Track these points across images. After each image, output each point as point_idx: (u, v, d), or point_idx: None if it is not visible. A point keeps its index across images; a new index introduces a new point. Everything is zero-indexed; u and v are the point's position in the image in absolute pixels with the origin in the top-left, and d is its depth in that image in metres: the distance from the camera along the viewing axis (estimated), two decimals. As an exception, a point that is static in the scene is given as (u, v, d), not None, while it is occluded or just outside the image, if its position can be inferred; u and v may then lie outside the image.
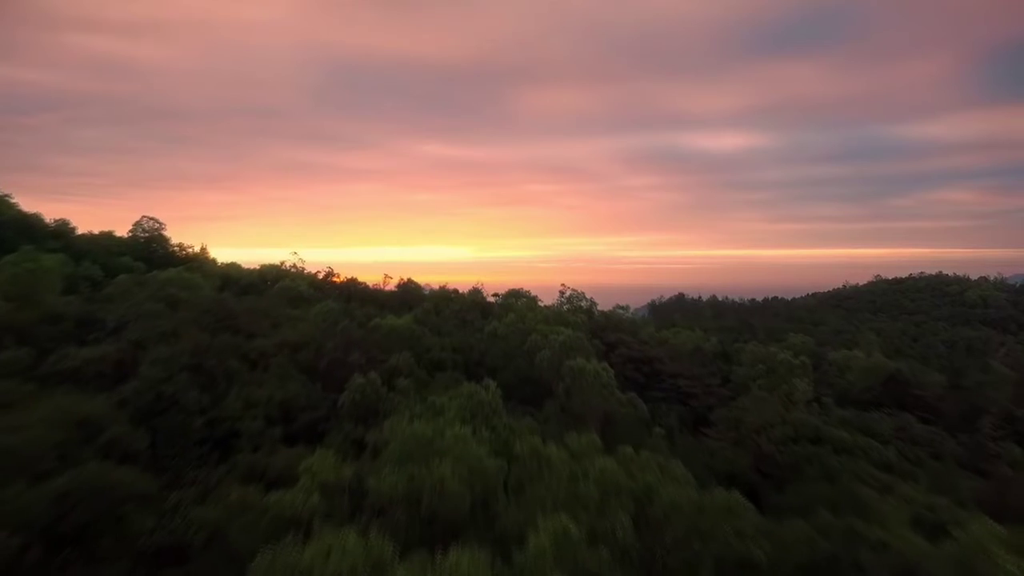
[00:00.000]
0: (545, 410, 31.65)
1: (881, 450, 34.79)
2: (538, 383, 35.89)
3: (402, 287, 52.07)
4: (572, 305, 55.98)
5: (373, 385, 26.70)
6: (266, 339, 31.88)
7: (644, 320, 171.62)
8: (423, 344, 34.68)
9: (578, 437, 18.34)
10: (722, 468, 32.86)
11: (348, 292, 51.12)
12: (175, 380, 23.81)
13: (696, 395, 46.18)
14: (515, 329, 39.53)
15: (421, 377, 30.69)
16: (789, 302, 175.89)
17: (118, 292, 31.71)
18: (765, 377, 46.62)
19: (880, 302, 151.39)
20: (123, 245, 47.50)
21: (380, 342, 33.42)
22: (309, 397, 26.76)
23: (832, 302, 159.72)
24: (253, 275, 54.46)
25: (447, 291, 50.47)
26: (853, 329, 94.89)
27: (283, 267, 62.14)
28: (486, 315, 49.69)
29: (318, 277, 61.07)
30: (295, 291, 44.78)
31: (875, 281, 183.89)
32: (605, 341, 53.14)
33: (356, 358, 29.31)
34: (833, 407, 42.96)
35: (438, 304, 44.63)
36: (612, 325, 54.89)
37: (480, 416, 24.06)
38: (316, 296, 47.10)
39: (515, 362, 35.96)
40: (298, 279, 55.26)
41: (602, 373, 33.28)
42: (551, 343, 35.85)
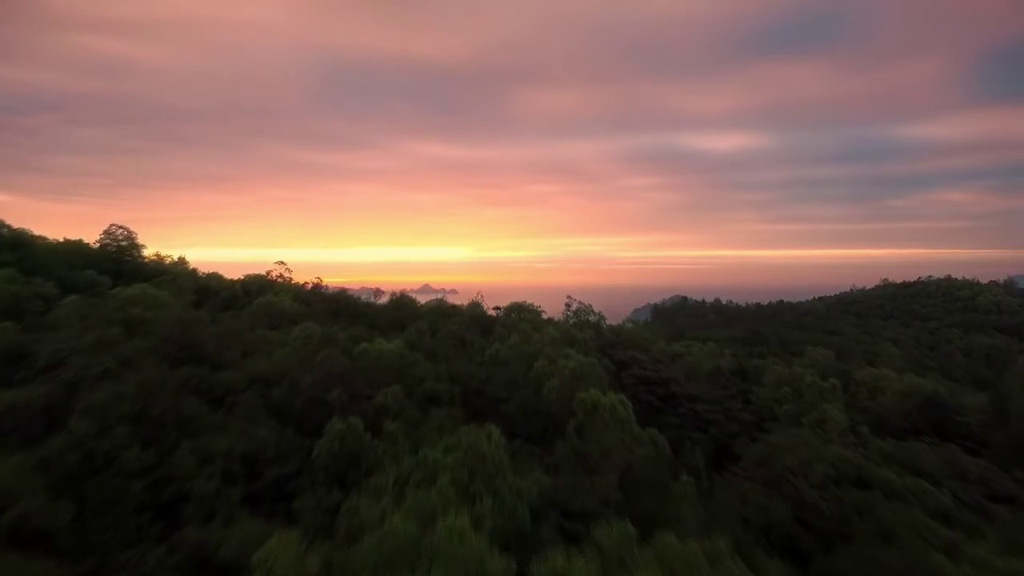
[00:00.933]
0: (556, 452, 27.64)
1: (935, 494, 30.74)
2: (546, 416, 31.90)
3: (395, 301, 47.80)
4: (579, 319, 51.95)
5: (354, 432, 22.61)
6: (235, 371, 27.77)
7: (647, 325, 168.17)
8: (416, 373, 30.60)
9: (608, 528, 14.29)
10: (757, 518, 28.94)
11: (336, 307, 46.91)
12: (112, 433, 19.70)
13: (716, 422, 42.17)
14: (519, 352, 35.49)
15: (412, 415, 26.61)
16: (796, 306, 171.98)
17: (64, 317, 27.57)
18: (792, 402, 42.66)
19: (890, 307, 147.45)
20: (88, 257, 43.32)
21: (367, 372, 29.34)
22: (279, 446, 22.65)
23: (840, 307, 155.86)
24: (235, 287, 50.33)
25: (444, 306, 46.32)
26: (869, 339, 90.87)
27: (269, 277, 58.05)
28: (487, 331, 45.68)
29: (306, 288, 56.98)
30: (277, 308, 40.65)
31: (883, 285, 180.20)
32: (616, 360, 49.19)
33: (337, 396, 25.22)
34: (870, 437, 38.94)
35: (434, 323, 40.48)
36: (623, 341, 50.87)
37: (481, 476, 20.04)
38: (301, 312, 43.00)
39: (520, 392, 31.90)
40: (283, 291, 51.15)
41: (619, 408, 29.26)
42: (560, 371, 31.86)
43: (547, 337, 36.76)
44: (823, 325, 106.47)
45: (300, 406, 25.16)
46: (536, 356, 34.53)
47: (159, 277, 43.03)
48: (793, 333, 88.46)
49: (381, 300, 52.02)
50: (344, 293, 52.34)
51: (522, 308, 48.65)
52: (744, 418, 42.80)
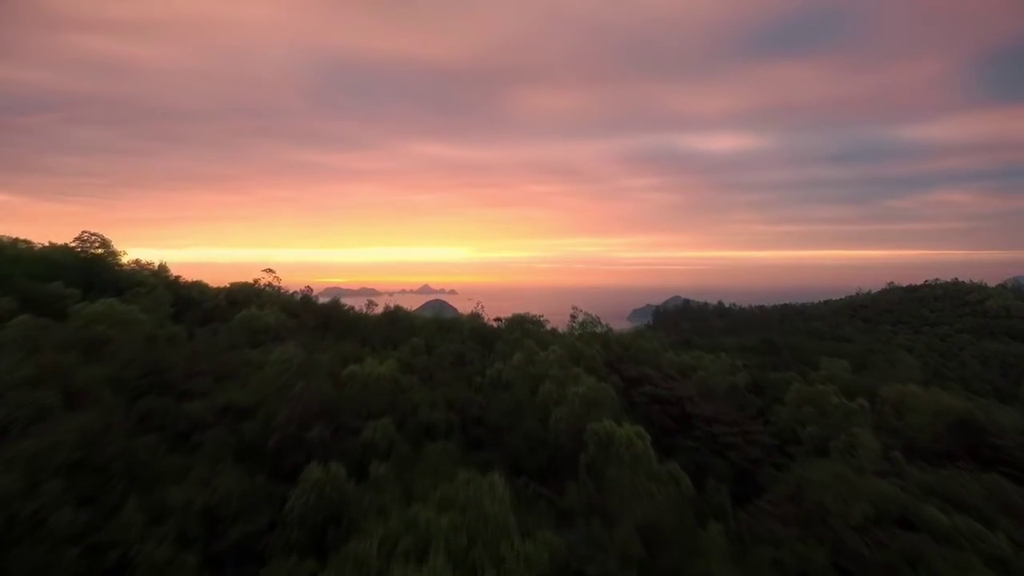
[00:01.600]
0: (567, 495, 24.54)
1: (991, 537, 27.73)
2: (554, 448, 28.83)
3: (389, 315, 44.40)
4: (585, 330, 48.83)
5: (335, 481, 19.45)
6: (204, 401, 24.58)
7: (651, 332, 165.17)
8: (409, 400, 27.43)
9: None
10: (793, 564, 25.86)
11: (326, 319, 43.61)
12: (42, 490, 16.55)
13: (736, 446, 39.07)
14: (523, 374, 32.35)
15: (404, 453, 23.44)
16: (801, 310, 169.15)
17: (9, 341, 24.38)
18: (816, 423, 39.57)
19: (898, 311, 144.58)
20: (56, 266, 40.08)
21: (354, 400, 26.18)
22: (247, 496, 19.47)
23: (847, 311, 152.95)
24: (220, 297, 47.13)
25: (441, 318, 43.10)
26: (882, 347, 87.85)
27: (257, 285, 54.86)
28: (488, 344, 42.52)
29: (297, 295, 53.77)
30: (260, 323, 37.46)
31: (889, 288, 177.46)
32: (625, 376, 46.12)
33: (317, 433, 22.05)
34: (905, 465, 35.87)
35: (430, 338, 37.29)
36: (632, 356, 47.74)
37: (482, 540, 16.92)
38: (287, 326, 39.82)
39: (524, 421, 28.76)
40: (271, 301, 47.95)
41: (636, 441, 26.17)
42: (569, 397, 28.77)
43: (553, 356, 33.61)
44: (833, 332, 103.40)
45: (275, 445, 21.98)
46: (542, 378, 31.41)
47: (135, 289, 39.83)
48: (804, 341, 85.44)
49: (375, 311, 48.91)
50: (336, 303, 48.94)
51: (525, 320, 45.49)
52: (765, 441, 39.72)
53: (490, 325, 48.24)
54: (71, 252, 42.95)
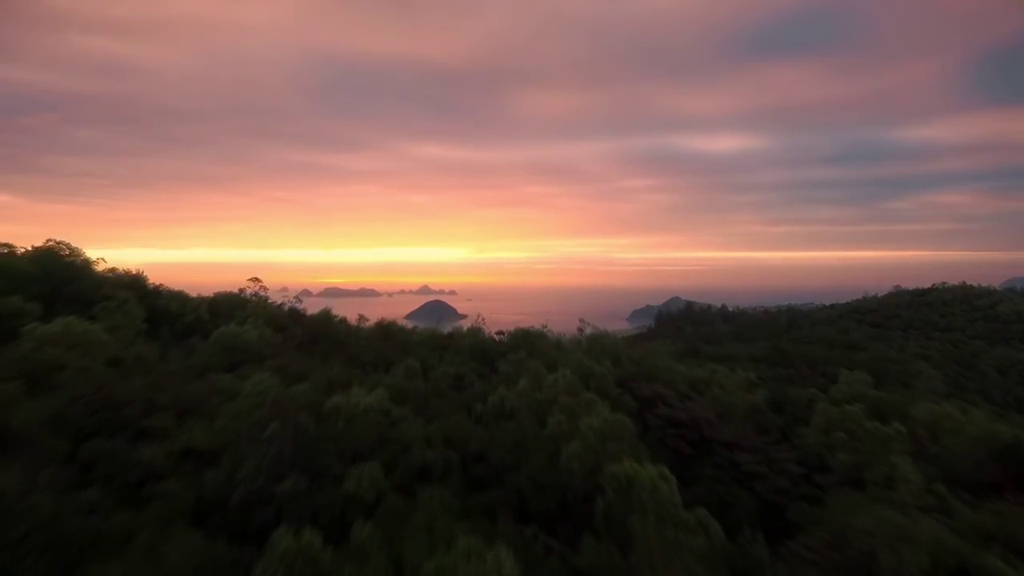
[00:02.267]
0: (582, 551, 21.28)
1: (1064, 595, 24.69)
2: (565, 490, 25.60)
3: (382, 330, 40.76)
4: (594, 346, 45.55)
5: (307, 551, 16.16)
6: (163, 444, 21.27)
7: (650, 334, 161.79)
8: (401, 437, 24.12)
9: None
10: (840, 629, 22.71)
11: (314, 335, 40.14)
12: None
13: (761, 475, 35.84)
14: (529, 402, 29.06)
15: (393, 506, 20.11)
16: (807, 314, 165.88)
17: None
18: (848, 450, 36.31)
19: (907, 316, 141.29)
20: (19, 278, 36.68)
21: (337, 439, 22.88)
22: (201, 571, 16.19)
23: (854, 315, 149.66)
24: (201, 309, 43.80)
25: (438, 336, 39.77)
26: (897, 355, 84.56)
27: (244, 293, 51.49)
28: (490, 363, 39.24)
29: (285, 307, 50.32)
30: (240, 341, 34.07)
31: (896, 291, 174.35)
32: (638, 396, 42.87)
33: (290, 486, 18.74)
34: (951, 500, 32.67)
35: (426, 357, 33.93)
36: (645, 373, 44.49)
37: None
38: (271, 344, 36.46)
39: (531, 458, 25.47)
40: (257, 312, 44.55)
41: (660, 485, 22.93)
42: (582, 430, 25.51)
43: (562, 380, 30.29)
44: (843, 339, 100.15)
45: (240, 500, 18.66)
46: (550, 406, 28.11)
47: (104, 303, 36.46)
48: (816, 349, 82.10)
49: (368, 323, 45.55)
50: (326, 316, 45.56)
51: (530, 335, 42.21)
52: (793, 470, 36.45)
53: (492, 339, 44.93)
54: (36, 261, 39.54)
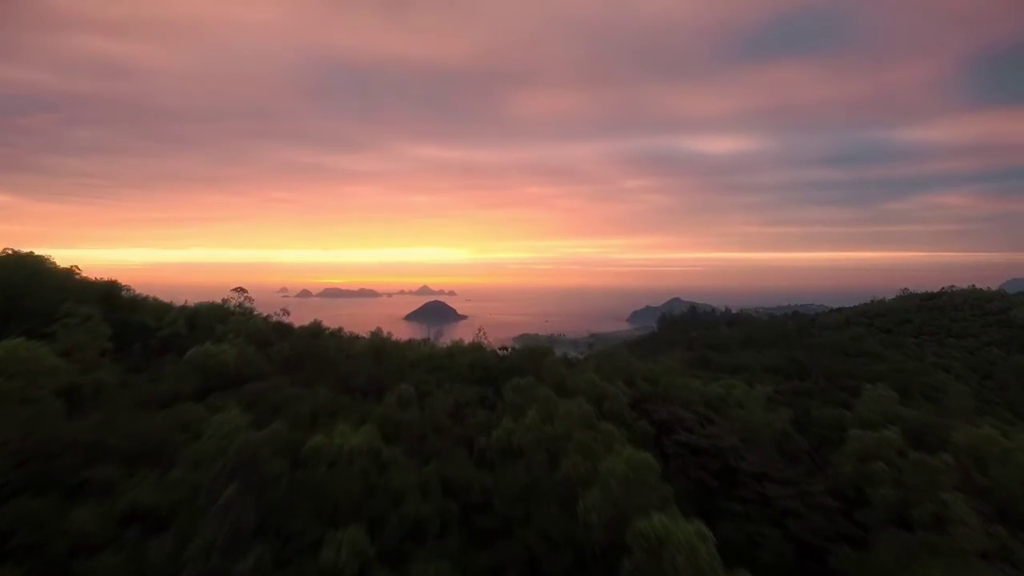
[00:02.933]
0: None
1: None
2: (582, 547, 22.09)
3: (375, 347, 36.72)
4: (604, 363, 42.06)
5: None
6: (103, 503, 17.73)
7: (645, 337, 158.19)
8: (392, 486, 20.60)
9: None
10: None
11: (299, 354, 36.23)
12: None
13: (795, 512, 32.22)
14: (539, 437, 25.51)
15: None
16: (814, 319, 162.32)
17: None
18: (890, 484, 32.71)
19: (918, 321, 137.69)
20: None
21: (317, 491, 19.35)
22: None
23: (863, 320, 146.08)
24: (179, 322, 40.18)
25: (436, 352, 36.02)
26: (916, 365, 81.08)
27: (228, 303, 47.82)
28: (493, 383, 35.71)
29: (269, 321, 46.58)
30: (216, 361, 30.38)
31: (904, 295, 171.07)
32: (654, 419, 39.34)
33: (252, 564, 15.21)
34: (1013, 544, 29.18)
35: (422, 381, 30.24)
36: (660, 394, 40.85)
37: None
38: (251, 365, 32.79)
39: (542, 508, 21.95)
40: (240, 327, 40.93)
41: (699, 546, 19.43)
42: (602, 477, 22.01)
43: (576, 410, 26.71)
44: (857, 347, 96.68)
45: (190, 583, 15.12)
46: (563, 443, 24.57)
47: (65, 319, 32.86)
48: (833, 359, 78.58)
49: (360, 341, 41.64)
50: (315, 331, 41.85)
51: (535, 350, 38.71)
52: (829, 505, 32.83)
53: (495, 354, 41.38)
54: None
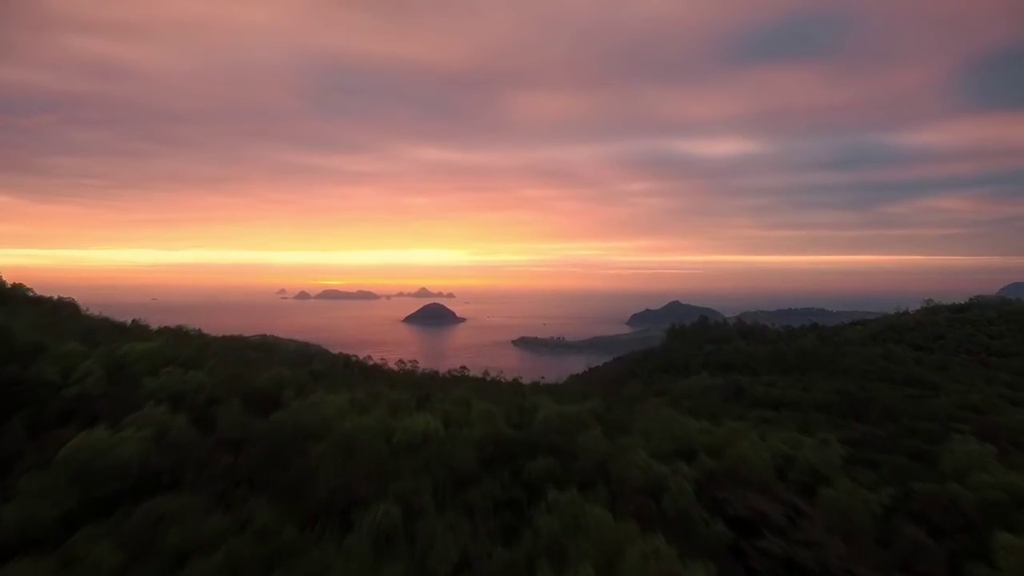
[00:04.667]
0: None
1: None
2: None
3: (344, 446, 24.50)
4: (655, 429, 32.39)
5: None
6: None
7: (655, 349, 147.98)
8: None
9: None
10: None
11: (240, 441, 25.38)
12: None
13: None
14: None
15: None
16: (836, 331, 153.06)
17: None
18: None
19: (951, 337, 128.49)
20: None
21: None
22: None
23: (891, 335, 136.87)
24: (88, 380, 29.97)
25: (432, 431, 25.84)
26: (979, 396, 71.50)
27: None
28: (515, 473, 26.04)
29: (221, 371, 36.15)
30: (107, 463, 19.72)
31: (929, 306, 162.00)
32: (729, 514, 29.61)
33: None
34: None
35: (413, 493, 20.11)
36: (730, 471, 30.86)
37: None
38: (162, 467, 22.67)
39: None
40: (176, 382, 30.92)
41: None
42: None
43: (652, 558, 17.01)
44: (903, 370, 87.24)
45: None
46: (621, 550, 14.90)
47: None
48: (887, 390, 69.18)
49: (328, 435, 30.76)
50: (275, 384, 31.31)
51: (570, 422, 28.97)
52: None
53: (514, 417, 31.66)
54: None
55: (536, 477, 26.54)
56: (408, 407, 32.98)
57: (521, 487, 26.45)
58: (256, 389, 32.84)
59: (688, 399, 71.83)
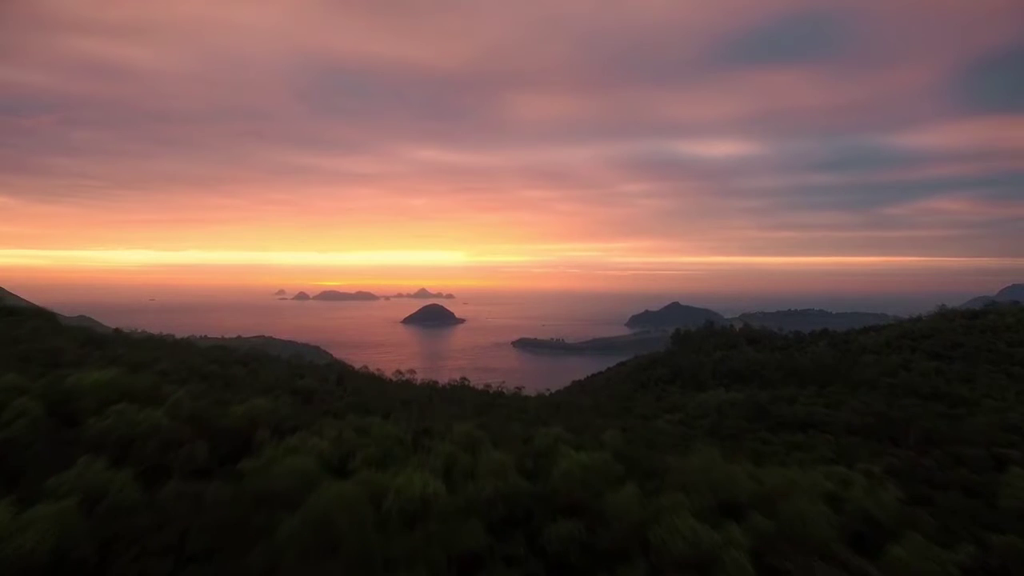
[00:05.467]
0: None
1: None
2: None
3: (315, 526, 21.05)
4: (693, 483, 27.34)
5: None
6: None
7: (660, 355, 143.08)
8: None
9: None
10: None
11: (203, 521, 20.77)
12: None
13: None
14: None
15: None
16: (847, 338, 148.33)
17: None
18: None
19: (969, 345, 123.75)
20: None
21: None
22: None
23: (906, 342, 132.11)
24: (27, 417, 25.41)
25: (432, 496, 21.24)
26: (1009, 411, 66.76)
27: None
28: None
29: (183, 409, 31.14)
30: (5, 555, 15.53)
31: (943, 312, 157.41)
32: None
33: None
34: None
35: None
36: (786, 534, 26.33)
37: None
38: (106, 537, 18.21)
39: None
40: (124, 422, 26.03)
41: None
42: None
43: None
44: (932, 385, 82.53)
45: None
46: None
47: None
48: (917, 409, 64.45)
49: None
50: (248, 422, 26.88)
51: (595, 475, 24.07)
52: None
53: (530, 461, 26.91)
54: None
55: (558, 545, 21.74)
56: (403, 451, 28.00)
57: (539, 559, 21.70)
58: (224, 429, 27.92)
59: (705, 418, 67.12)
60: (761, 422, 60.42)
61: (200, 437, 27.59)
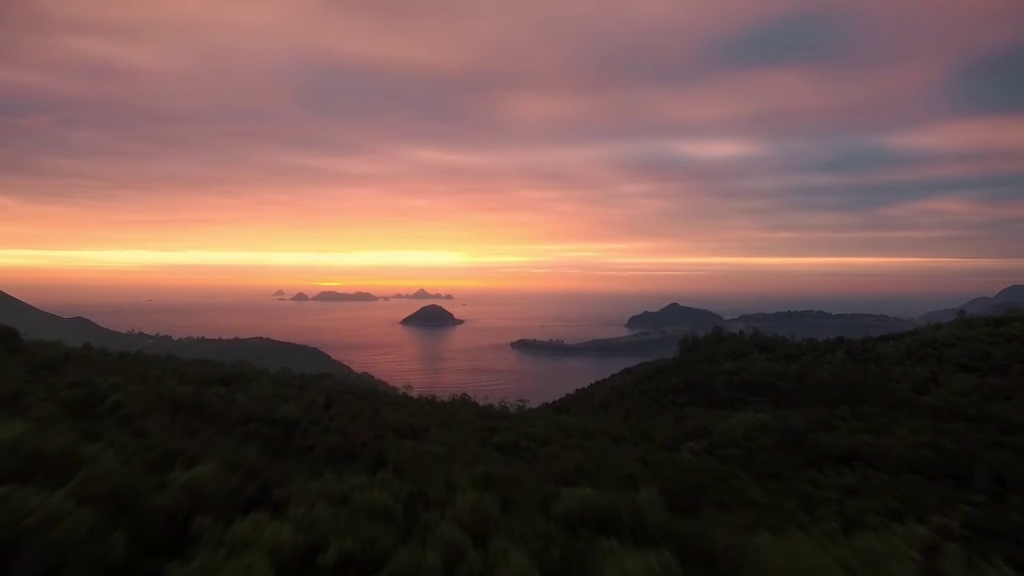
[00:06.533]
0: None
1: None
2: None
3: None
4: None
5: None
6: None
7: (668, 363, 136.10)
8: None
9: None
10: None
11: None
12: None
13: None
14: None
15: None
16: (864, 347, 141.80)
17: None
18: None
19: (997, 355, 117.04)
20: None
21: None
22: None
23: (929, 352, 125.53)
24: None
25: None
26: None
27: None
28: None
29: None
30: None
31: (964, 319, 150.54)
32: None
33: None
34: None
35: None
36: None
37: None
38: None
39: None
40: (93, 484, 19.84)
41: None
42: None
43: None
44: (978, 407, 75.62)
45: None
46: None
47: None
48: (956, 430, 57.92)
49: None
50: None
51: None
52: None
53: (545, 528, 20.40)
54: None
55: None
56: (389, 535, 20.56)
57: None
58: (154, 511, 20.91)
59: (734, 446, 60.48)
60: (799, 453, 53.85)
61: (120, 524, 20.54)
